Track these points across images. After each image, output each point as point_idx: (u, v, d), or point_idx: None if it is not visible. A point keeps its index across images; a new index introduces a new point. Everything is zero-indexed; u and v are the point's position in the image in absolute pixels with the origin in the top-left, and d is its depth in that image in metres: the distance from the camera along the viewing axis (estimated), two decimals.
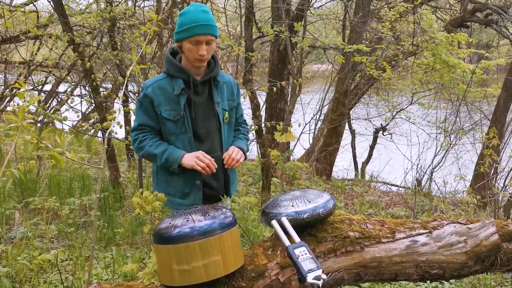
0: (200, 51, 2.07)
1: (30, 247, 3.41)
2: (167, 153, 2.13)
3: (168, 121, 2.16)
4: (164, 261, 1.69)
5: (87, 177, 5.16)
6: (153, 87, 2.16)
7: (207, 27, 2.07)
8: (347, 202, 6.41)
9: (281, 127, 4.74)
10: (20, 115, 1.24)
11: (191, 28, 2.05)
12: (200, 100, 2.19)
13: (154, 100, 2.15)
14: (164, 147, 2.16)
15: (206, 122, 2.21)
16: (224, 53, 9.23)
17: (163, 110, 2.15)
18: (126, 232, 3.93)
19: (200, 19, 2.05)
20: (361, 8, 7.37)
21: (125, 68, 5.18)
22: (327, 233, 1.91)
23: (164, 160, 2.13)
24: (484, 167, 5.23)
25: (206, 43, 2.08)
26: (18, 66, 9.92)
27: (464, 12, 9.51)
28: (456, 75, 7.82)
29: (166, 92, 2.15)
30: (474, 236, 1.98)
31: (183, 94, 2.14)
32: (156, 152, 2.14)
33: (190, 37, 2.06)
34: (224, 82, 2.28)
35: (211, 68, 2.21)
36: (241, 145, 2.28)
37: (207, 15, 2.08)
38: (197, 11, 2.07)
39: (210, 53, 2.13)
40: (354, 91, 8.89)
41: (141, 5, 8.26)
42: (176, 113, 2.15)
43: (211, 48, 2.11)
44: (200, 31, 2.05)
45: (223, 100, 2.25)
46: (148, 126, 2.20)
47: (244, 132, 2.43)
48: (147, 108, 2.17)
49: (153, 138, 2.19)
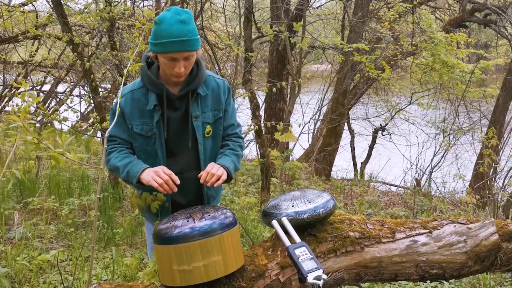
0: (176, 68, 1.82)
1: (29, 247, 3.40)
2: (129, 167, 1.88)
3: (139, 136, 1.96)
4: (165, 262, 1.69)
5: (86, 177, 5.16)
6: (126, 97, 1.94)
7: (184, 43, 1.78)
8: (347, 202, 6.42)
9: (281, 127, 4.75)
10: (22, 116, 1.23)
11: (165, 43, 1.77)
12: (176, 115, 1.95)
13: (126, 112, 1.93)
14: (129, 160, 1.92)
15: (181, 139, 1.98)
16: (223, 53, 9.23)
17: (134, 125, 1.94)
18: (126, 232, 3.93)
19: (176, 33, 1.76)
20: (360, 8, 7.38)
21: (124, 68, 5.18)
22: (327, 233, 1.91)
23: (125, 173, 1.88)
24: (483, 167, 5.23)
25: (184, 58, 1.82)
26: (17, 66, 9.92)
27: (463, 12, 9.52)
28: (455, 75, 7.83)
29: (139, 104, 1.92)
30: (474, 236, 1.98)
31: (157, 110, 1.91)
32: (118, 164, 1.90)
33: (165, 53, 1.80)
34: (208, 92, 1.99)
35: (191, 78, 1.93)
36: (225, 162, 1.95)
37: (185, 27, 1.77)
38: (174, 22, 1.77)
39: (189, 68, 1.88)
40: (353, 91, 8.89)
41: (140, 5, 8.25)
42: (149, 129, 1.93)
43: (189, 63, 1.85)
44: (175, 48, 1.77)
45: (204, 112, 1.98)
46: (119, 138, 1.98)
47: (233, 147, 2.08)
48: (119, 120, 1.94)
49: (121, 151, 1.96)
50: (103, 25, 5.40)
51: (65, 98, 8.19)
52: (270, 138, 6.74)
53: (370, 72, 6.56)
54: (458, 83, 8.12)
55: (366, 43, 6.00)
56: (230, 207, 4.80)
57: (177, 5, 5.84)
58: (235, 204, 4.92)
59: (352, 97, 8.93)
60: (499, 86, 8.35)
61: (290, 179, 6.38)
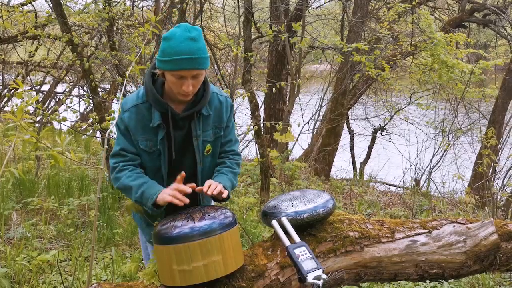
0: (185, 87, 1.77)
1: (29, 247, 3.40)
2: (144, 187, 1.84)
3: (143, 152, 1.93)
4: (164, 261, 1.69)
5: (85, 177, 5.16)
6: (131, 112, 1.89)
7: (194, 61, 1.73)
8: (346, 202, 6.42)
9: (280, 127, 4.75)
10: (18, 115, 1.23)
11: (175, 61, 1.72)
12: (179, 134, 1.93)
13: (130, 127, 1.89)
14: (143, 180, 1.87)
15: (183, 155, 1.97)
16: (223, 53, 9.23)
17: (140, 140, 1.90)
18: (125, 232, 3.93)
19: (186, 50, 1.71)
20: (360, 8, 7.38)
21: (124, 68, 5.18)
22: (327, 233, 1.91)
23: (139, 194, 1.83)
24: (483, 167, 5.24)
25: (193, 77, 1.77)
26: (16, 66, 9.91)
27: (462, 12, 9.53)
28: (455, 75, 7.83)
29: (144, 120, 1.89)
30: (474, 235, 1.99)
31: (162, 128, 1.88)
32: (132, 184, 1.85)
33: (173, 71, 1.75)
34: (211, 112, 1.96)
35: (197, 98, 1.89)
36: (222, 181, 1.92)
37: (195, 44, 1.73)
38: (183, 39, 1.72)
39: (197, 87, 1.82)
40: (352, 91, 8.90)
41: (140, 5, 8.25)
42: (152, 145, 1.90)
43: (198, 81, 1.80)
44: (185, 66, 1.73)
45: (205, 131, 1.96)
46: (130, 152, 1.92)
47: (230, 165, 2.04)
48: (125, 133, 1.91)
49: (134, 170, 1.90)
50: (102, 25, 5.40)
51: (65, 98, 8.20)
52: (270, 138, 6.74)
53: (370, 72, 6.56)
54: (458, 83, 8.13)
55: (365, 43, 6.00)
56: (230, 207, 4.80)
57: (176, 5, 5.85)
58: (234, 204, 4.92)
59: (352, 97, 8.94)
60: (498, 86, 8.36)
61: (290, 179, 6.38)
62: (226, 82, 7.76)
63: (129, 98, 1.95)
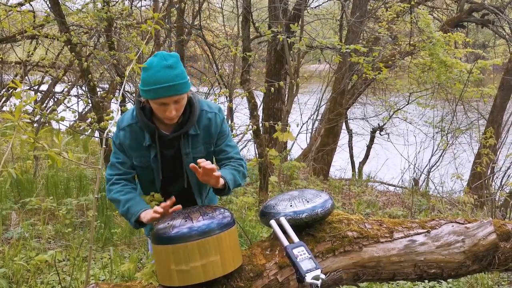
0: (167, 112, 1.85)
1: (27, 247, 3.40)
2: (131, 203, 1.94)
3: (137, 167, 2.05)
4: (163, 261, 1.69)
5: (84, 177, 5.15)
6: (125, 131, 1.99)
7: (172, 88, 1.80)
8: (345, 202, 6.42)
9: (279, 127, 4.75)
10: (16, 115, 1.23)
11: (154, 90, 1.80)
12: (169, 153, 2.03)
13: (125, 145, 2.00)
14: (131, 196, 1.97)
15: (175, 171, 2.06)
16: (221, 53, 9.23)
17: (134, 157, 2.02)
18: (124, 232, 3.93)
19: (163, 79, 1.78)
20: (358, 8, 7.38)
21: (122, 67, 5.17)
22: (325, 233, 1.91)
23: (125, 209, 1.94)
24: (481, 166, 5.25)
25: (174, 102, 1.84)
26: (14, 66, 9.89)
27: (461, 12, 9.54)
28: (453, 75, 7.83)
29: (138, 139, 1.99)
30: (472, 235, 1.99)
31: (153, 147, 1.99)
32: (120, 198, 1.96)
33: (154, 99, 1.83)
34: (200, 131, 2.02)
35: (184, 120, 1.96)
36: (223, 173, 1.96)
37: (172, 72, 1.80)
38: (160, 67, 1.79)
39: (181, 110, 1.90)
40: (351, 91, 8.90)
41: (138, 4, 8.24)
42: (146, 161, 2.02)
43: (180, 105, 1.88)
44: (164, 93, 1.80)
45: (195, 148, 2.03)
46: (125, 166, 2.03)
47: (234, 165, 2.09)
48: (120, 148, 2.03)
49: (125, 185, 2.01)
50: (101, 25, 5.40)
51: (63, 98, 8.17)
52: (268, 138, 6.74)
53: (368, 74, 6.57)
54: (456, 83, 8.13)
55: (364, 43, 6.00)
56: (228, 207, 4.80)
57: (175, 5, 5.84)
58: (233, 204, 4.92)
59: (350, 97, 8.94)
60: (497, 86, 8.37)
61: (288, 179, 6.38)
62: (225, 82, 7.75)
63: (125, 117, 2.04)
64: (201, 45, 9.16)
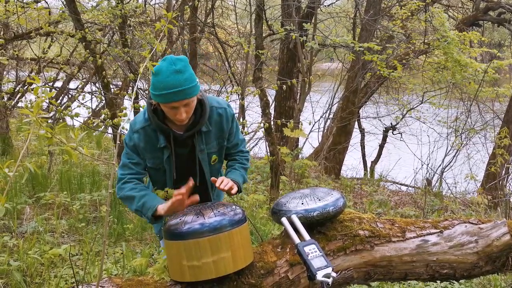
0: (178, 115, 1.89)
1: (41, 241, 3.44)
2: (146, 198, 1.98)
3: (150, 169, 2.11)
4: (174, 257, 1.70)
5: (97, 173, 5.20)
6: (139, 134, 2.03)
7: (182, 93, 1.84)
8: (356, 201, 6.39)
9: (291, 124, 4.74)
10: (35, 110, 1.25)
11: (164, 95, 1.84)
12: (184, 151, 2.09)
13: (140, 147, 2.04)
14: (146, 192, 2.01)
15: (189, 169, 2.11)
16: (234, 51, 9.24)
17: (147, 158, 2.07)
18: (136, 228, 3.96)
19: (172, 84, 1.82)
20: (372, 6, 7.32)
21: (135, 65, 5.21)
22: (336, 232, 1.91)
23: (141, 204, 1.97)
24: (496, 167, 5.18)
25: (184, 105, 1.89)
26: (30, 63, 10.02)
27: (477, 11, 9.41)
28: (468, 74, 7.73)
29: (151, 141, 2.04)
30: (486, 236, 1.97)
31: (167, 148, 2.04)
32: (135, 194, 2.00)
33: (165, 103, 1.88)
34: (212, 128, 2.08)
35: (196, 119, 2.01)
36: (235, 177, 2.11)
37: (181, 76, 1.84)
38: (169, 73, 1.83)
39: (191, 112, 1.95)
40: (364, 89, 8.84)
41: (152, 2, 8.29)
42: (159, 162, 2.07)
43: (190, 107, 1.92)
44: (174, 98, 1.84)
45: (209, 144, 2.10)
46: (137, 166, 2.07)
47: (241, 161, 2.23)
48: (133, 149, 2.07)
49: (138, 184, 2.06)
50: (115, 22, 5.44)
51: (77, 94, 8.27)
52: (280, 136, 6.73)
53: (382, 71, 6.52)
54: (471, 82, 8.03)
55: (377, 41, 5.95)
56: (239, 204, 4.81)
57: (188, 2, 5.86)
58: (244, 202, 4.93)
59: (363, 95, 8.88)
60: None
61: (300, 178, 6.37)
62: (237, 80, 7.77)
63: (138, 119, 2.08)
64: (213, 43, 9.19)
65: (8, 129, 6.56)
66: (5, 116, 6.46)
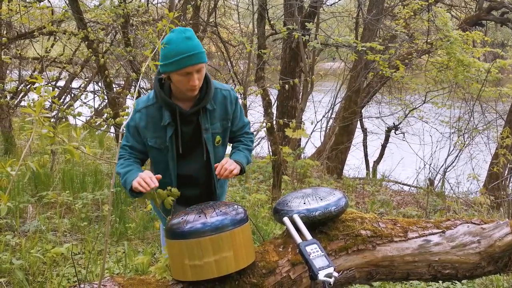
0: (191, 81, 1.93)
1: (43, 240, 3.45)
2: (128, 175, 1.99)
3: (153, 149, 2.10)
4: (176, 256, 1.71)
5: (99, 172, 5.21)
6: (142, 113, 2.07)
7: (195, 57, 1.90)
8: (358, 201, 6.38)
9: (293, 124, 4.74)
10: (37, 109, 1.25)
11: (178, 61, 1.89)
12: (188, 129, 2.10)
13: (140, 127, 2.07)
14: (130, 168, 2.03)
15: (192, 149, 2.12)
16: (236, 50, 9.23)
17: (149, 138, 2.07)
18: (138, 227, 3.96)
19: (186, 49, 1.88)
20: (375, 6, 7.31)
21: (138, 64, 5.22)
22: (338, 231, 1.90)
23: (124, 180, 2.00)
24: (498, 167, 5.16)
25: (197, 71, 1.94)
26: (32, 62, 10.04)
27: (480, 11, 9.38)
28: (471, 74, 7.71)
29: (154, 120, 2.06)
30: (488, 236, 1.96)
31: (171, 125, 2.05)
32: (121, 171, 2.03)
33: (179, 70, 1.91)
34: (216, 106, 2.12)
35: (201, 95, 2.06)
36: (239, 158, 2.14)
37: (192, 42, 1.91)
38: (181, 40, 1.89)
39: (202, 80, 2.00)
40: (366, 89, 8.83)
41: (154, 1, 8.30)
42: (161, 142, 2.07)
43: (201, 74, 1.98)
44: (188, 62, 1.89)
45: (213, 124, 2.12)
46: (132, 148, 2.11)
47: (246, 142, 2.28)
48: (134, 133, 2.10)
49: (128, 159, 2.08)
50: (117, 22, 5.45)
51: (80, 93, 8.29)
52: (282, 135, 6.73)
53: (384, 71, 6.51)
54: (474, 82, 8.00)
55: (380, 41, 5.94)
56: (241, 204, 4.81)
57: (191, 2, 5.87)
58: (246, 201, 4.93)
59: (365, 95, 8.87)
60: None
61: (302, 177, 6.37)
62: (239, 79, 7.77)
63: (141, 100, 2.12)
64: (216, 42, 9.19)
65: (11, 128, 6.58)
66: (8, 115, 6.48)
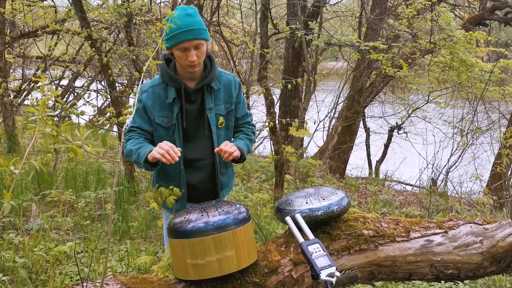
0: (189, 57, 1.99)
1: (46, 238, 3.46)
2: (140, 149, 2.04)
3: (160, 127, 2.13)
4: (179, 255, 1.71)
5: (102, 171, 5.22)
6: (148, 92, 2.13)
7: (192, 32, 1.96)
8: (361, 200, 6.37)
9: (296, 124, 4.73)
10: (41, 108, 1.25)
11: (176, 35, 1.95)
12: (193, 108, 2.14)
13: (148, 105, 2.11)
14: (141, 144, 2.08)
15: (197, 129, 2.16)
16: (239, 50, 9.24)
17: (156, 116, 2.12)
18: (140, 226, 3.97)
19: (184, 24, 1.94)
20: (378, 5, 7.30)
21: (141, 63, 5.22)
22: (341, 231, 1.90)
23: (136, 155, 2.04)
24: (501, 167, 5.15)
25: (195, 47, 1.98)
26: (36, 61, 10.07)
27: (483, 10, 9.35)
28: (474, 74, 7.69)
29: (160, 98, 2.11)
30: (491, 236, 1.96)
31: (176, 102, 2.10)
32: (132, 147, 2.07)
33: (177, 45, 1.97)
34: (221, 86, 2.18)
35: (206, 73, 2.12)
36: (239, 144, 2.16)
37: (191, 19, 1.97)
38: (181, 16, 1.95)
39: (202, 57, 2.05)
40: (369, 89, 8.81)
41: (157, 1, 8.30)
42: (168, 120, 2.11)
43: (201, 52, 2.02)
44: (184, 37, 1.95)
45: (217, 105, 2.16)
46: (139, 128, 2.15)
47: (247, 132, 2.31)
48: (141, 113, 2.14)
49: (137, 138, 2.12)
50: (120, 21, 5.45)
51: (83, 92, 8.31)
52: (285, 135, 6.73)
53: (387, 70, 6.49)
54: (477, 82, 7.98)
55: (383, 41, 5.93)
56: (244, 203, 4.81)
57: (194, 1, 5.87)
58: (248, 200, 4.93)
59: (368, 95, 8.86)
60: None
61: (304, 177, 6.36)
62: (242, 79, 7.77)
63: (147, 82, 2.19)
64: (219, 42, 9.19)
65: (14, 126, 6.60)
66: (11, 114, 6.50)
